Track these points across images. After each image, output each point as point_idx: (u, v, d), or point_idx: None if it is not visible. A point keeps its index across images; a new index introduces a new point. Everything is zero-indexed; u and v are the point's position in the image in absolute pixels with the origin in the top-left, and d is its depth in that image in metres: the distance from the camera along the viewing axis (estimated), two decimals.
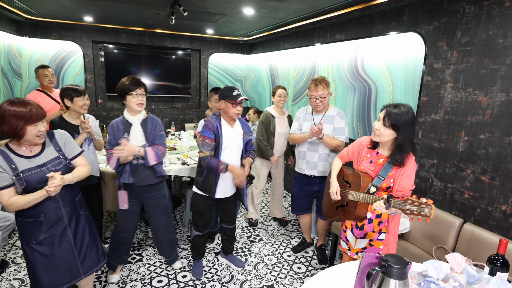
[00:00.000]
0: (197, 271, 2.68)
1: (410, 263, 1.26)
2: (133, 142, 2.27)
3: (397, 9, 2.74)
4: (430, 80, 2.49)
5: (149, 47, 5.52)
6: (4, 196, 1.59)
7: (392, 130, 1.71)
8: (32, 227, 1.71)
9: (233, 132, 2.43)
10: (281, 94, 3.34)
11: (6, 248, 2.93)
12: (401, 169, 1.77)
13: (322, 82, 2.55)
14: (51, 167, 1.71)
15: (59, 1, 3.45)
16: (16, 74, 4.58)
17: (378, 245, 1.93)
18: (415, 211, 1.52)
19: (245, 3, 3.16)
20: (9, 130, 1.57)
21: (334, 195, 1.96)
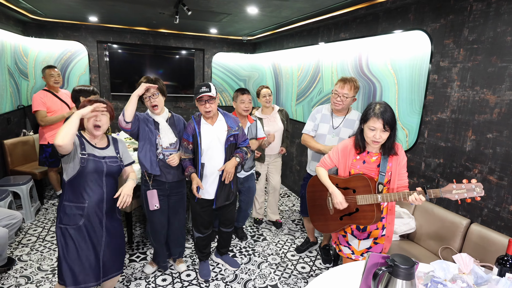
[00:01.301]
0: (204, 272, 2.65)
1: (417, 263, 1.24)
2: (165, 139, 2.31)
3: (402, 7, 2.71)
4: (437, 78, 2.46)
5: (153, 47, 5.53)
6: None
7: (389, 131, 1.78)
8: (74, 211, 1.83)
9: (214, 130, 2.34)
10: (265, 93, 3.27)
11: (12, 246, 2.95)
12: (396, 159, 1.83)
13: (352, 82, 2.41)
14: (108, 162, 1.89)
15: (64, 1, 3.47)
16: (22, 74, 4.61)
17: (383, 241, 1.92)
18: (465, 194, 1.58)
19: (249, 2, 3.15)
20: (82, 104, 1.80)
21: (342, 204, 1.88)
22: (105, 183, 1.88)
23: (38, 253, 2.86)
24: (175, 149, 2.36)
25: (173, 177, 2.41)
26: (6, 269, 2.62)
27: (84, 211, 1.83)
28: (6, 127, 3.97)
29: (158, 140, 2.30)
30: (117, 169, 1.94)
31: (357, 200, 1.85)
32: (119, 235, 2.04)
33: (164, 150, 2.32)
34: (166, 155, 2.33)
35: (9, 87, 4.11)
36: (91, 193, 1.84)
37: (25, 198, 3.34)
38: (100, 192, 1.87)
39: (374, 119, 1.74)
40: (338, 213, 1.96)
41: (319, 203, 2.10)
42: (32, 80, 4.88)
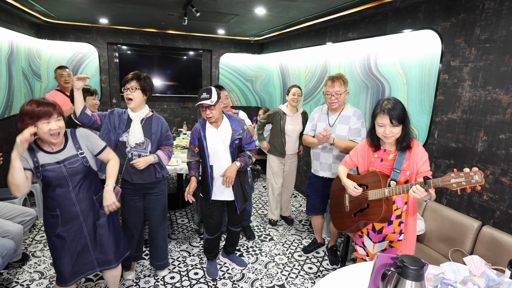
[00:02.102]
0: (212, 271, 2.67)
1: (427, 265, 1.23)
2: (131, 138, 2.22)
3: (412, 6, 2.68)
4: (447, 78, 2.43)
5: (161, 48, 5.59)
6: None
7: (400, 126, 1.75)
8: (51, 220, 1.80)
9: (219, 134, 2.34)
10: (295, 92, 3.33)
11: (26, 242, 3.02)
12: (413, 157, 1.78)
13: (340, 79, 2.50)
14: (68, 165, 1.75)
15: (76, 4, 3.53)
16: (35, 75, 4.72)
17: (399, 246, 1.89)
18: (463, 182, 1.47)
19: (257, 2, 3.16)
20: (20, 127, 1.62)
21: (354, 190, 1.89)
22: (71, 186, 1.77)
23: None
24: (144, 150, 2.26)
25: (141, 179, 2.30)
26: (21, 264, 2.69)
27: (58, 219, 1.79)
28: None
29: (127, 138, 2.23)
30: (81, 168, 1.80)
31: (368, 195, 1.87)
32: (107, 229, 1.95)
33: (132, 149, 2.25)
34: (134, 155, 2.25)
35: (23, 88, 4.21)
36: (59, 200, 1.77)
37: (38, 196, 3.41)
38: (69, 197, 1.78)
39: (381, 115, 1.75)
40: (352, 210, 1.99)
41: (338, 202, 2.16)
42: (45, 81, 4.98)
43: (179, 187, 3.91)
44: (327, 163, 2.71)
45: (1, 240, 2.21)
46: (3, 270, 2.58)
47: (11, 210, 2.61)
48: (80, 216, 1.83)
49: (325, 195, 2.85)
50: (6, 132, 3.66)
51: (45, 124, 1.63)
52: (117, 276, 2.16)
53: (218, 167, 2.37)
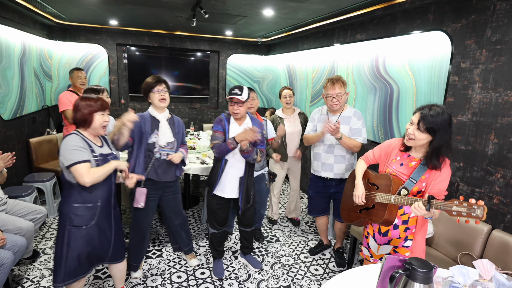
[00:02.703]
0: (218, 271, 2.68)
1: (436, 267, 1.22)
2: (163, 138, 2.35)
3: (421, 7, 2.66)
4: (457, 80, 2.41)
5: (169, 49, 5.64)
6: (84, 168, 1.74)
7: (427, 134, 1.62)
8: (87, 212, 1.84)
9: (240, 130, 2.39)
10: (286, 94, 3.33)
11: (37, 240, 3.07)
12: (435, 173, 1.69)
13: (339, 81, 2.51)
14: (111, 159, 1.93)
15: (87, 6, 3.59)
16: (46, 75, 4.81)
17: (403, 252, 1.85)
18: (463, 213, 1.42)
19: (265, 4, 3.17)
20: (81, 117, 1.81)
21: (358, 198, 1.90)
22: (113, 179, 1.96)
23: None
24: (172, 149, 2.40)
25: (167, 177, 2.44)
26: (31, 261, 2.73)
27: (97, 210, 1.87)
28: (32, 126, 4.14)
29: (156, 139, 2.33)
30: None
31: (376, 197, 1.85)
32: (120, 222, 2.11)
33: (161, 149, 2.35)
34: (162, 154, 2.36)
35: (34, 88, 4.29)
36: (104, 192, 1.89)
37: (48, 194, 3.47)
38: (110, 189, 1.93)
39: (416, 113, 1.67)
40: (359, 206, 1.98)
41: (349, 194, 2.12)
42: (56, 82, 5.06)
43: (186, 187, 3.93)
44: (328, 163, 2.70)
45: (13, 237, 2.25)
46: (15, 267, 2.62)
47: (22, 207, 2.66)
48: (111, 209, 1.98)
49: (327, 195, 2.83)
50: (18, 131, 3.73)
51: (100, 116, 1.84)
52: (124, 270, 2.24)
53: (232, 162, 2.42)
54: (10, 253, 2.10)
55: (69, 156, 1.73)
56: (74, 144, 1.76)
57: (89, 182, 1.74)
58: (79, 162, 1.73)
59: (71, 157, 1.73)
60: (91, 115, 1.82)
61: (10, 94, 3.55)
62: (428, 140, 1.65)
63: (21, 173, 3.70)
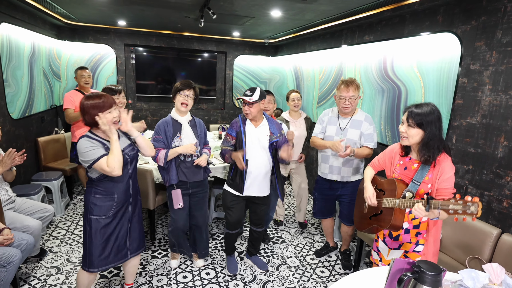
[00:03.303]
0: (232, 267, 2.73)
1: (445, 271, 1.21)
2: (186, 140, 2.42)
3: (430, 9, 2.64)
4: (466, 82, 2.38)
5: (177, 50, 5.67)
6: (103, 163, 1.81)
7: (418, 129, 1.67)
8: (105, 203, 1.95)
9: (256, 132, 2.46)
10: (294, 98, 3.32)
11: (44, 238, 3.10)
12: (437, 171, 1.70)
13: (353, 83, 2.49)
14: (128, 152, 1.97)
15: (96, 6, 3.63)
16: (55, 75, 4.87)
17: (414, 257, 1.83)
18: (459, 210, 1.45)
19: (272, 5, 3.17)
20: (90, 119, 1.84)
21: (369, 199, 1.89)
22: (130, 171, 2.01)
23: (67, 246, 3.00)
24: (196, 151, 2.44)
25: (195, 177, 2.50)
26: (38, 259, 2.76)
27: (114, 201, 1.96)
28: (40, 125, 4.19)
29: (179, 142, 2.40)
30: (136, 155, 2.06)
31: (383, 202, 1.84)
32: (140, 216, 2.18)
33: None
34: (187, 157, 2.44)
35: (43, 87, 4.34)
36: (120, 185, 1.97)
37: (56, 193, 3.51)
38: (127, 181, 2.00)
39: (405, 113, 1.72)
40: (369, 213, 1.98)
41: (360, 201, 2.14)
42: (64, 81, 5.12)
43: None
44: (336, 166, 2.68)
45: (21, 235, 2.28)
46: (22, 264, 2.65)
47: (30, 206, 2.69)
48: (130, 200, 2.05)
49: (333, 198, 2.82)
50: (27, 130, 3.78)
51: (109, 114, 1.85)
52: (136, 265, 2.31)
53: (253, 162, 2.45)
54: (18, 251, 2.12)
55: (86, 158, 1.83)
56: (86, 147, 1.83)
57: (117, 169, 1.81)
58: (96, 159, 1.81)
59: (88, 158, 1.82)
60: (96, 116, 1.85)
61: (19, 93, 3.60)
62: (420, 136, 1.68)
63: (29, 172, 3.74)
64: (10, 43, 3.40)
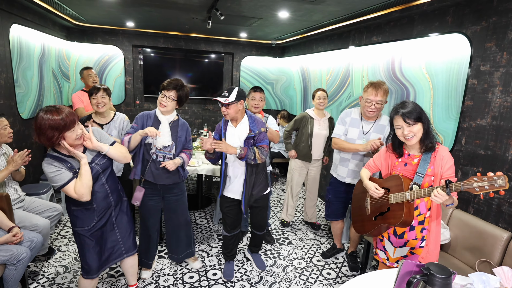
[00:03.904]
0: (228, 273, 2.69)
1: (455, 273, 1.19)
2: (160, 140, 2.29)
3: (440, 10, 2.62)
4: (476, 83, 2.35)
5: (184, 51, 5.70)
6: (71, 188, 1.72)
7: (418, 123, 1.72)
8: (85, 215, 1.88)
9: (236, 132, 2.36)
10: (320, 96, 3.31)
11: (52, 237, 3.14)
12: (438, 162, 1.73)
13: (382, 87, 2.35)
14: (98, 162, 1.87)
15: (106, 8, 3.67)
16: (64, 76, 4.93)
17: (420, 252, 1.85)
18: (486, 186, 1.42)
19: (280, 6, 3.18)
20: (45, 141, 1.65)
21: (375, 192, 1.87)
22: (104, 180, 1.91)
23: (75, 245, 3.03)
24: (169, 152, 2.32)
25: (165, 180, 2.36)
26: (47, 258, 2.80)
27: (95, 211, 1.90)
28: None
29: (153, 141, 2.29)
30: (109, 163, 1.93)
31: (389, 198, 1.84)
32: (128, 215, 2.12)
33: (157, 151, 2.31)
34: (159, 156, 2.31)
35: (52, 88, 4.40)
36: (97, 195, 1.88)
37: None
38: (103, 190, 1.91)
39: (395, 118, 1.77)
40: (373, 213, 1.97)
41: (359, 205, 2.15)
42: (73, 82, 5.19)
43: (199, 188, 3.96)
44: (356, 170, 2.64)
45: (29, 234, 2.30)
46: (31, 263, 2.69)
47: (39, 205, 2.72)
48: (112, 205, 1.97)
49: (347, 200, 2.81)
50: None
51: (71, 133, 1.68)
52: (135, 265, 2.27)
53: (232, 166, 2.42)
54: (27, 249, 2.15)
55: (53, 183, 1.73)
56: (50, 172, 1.70)
57: (85, 196, 1.73)
58: (63, 185, 1.71)
59: (55, 184, 1.72)
60: (59, 138, 1.66)
61: (29, 93, 3.65)
62: (421, 128, 1.73)
63: (38, 172, 3.79)
64: (20, 44, 3.45)
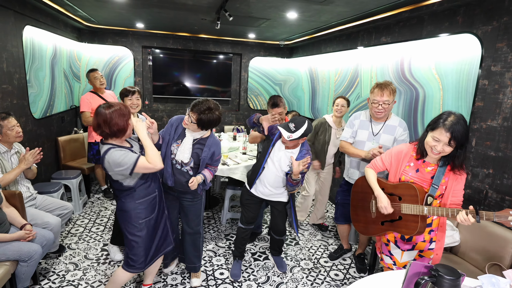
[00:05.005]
0: (235, 272, 2.71)
1: (464, 275, 1.18)
2: (179, 154, 2.21)
3: (450, 10, 2.59)
4: (487, 84, 2.32)
5: (193, 52, 5.75)
6: (144, 162, 1.79)
7: (454, 147, 1.63)
8: (150, 204, 2.00)
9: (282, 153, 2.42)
10: (339, 103, 3.22)
11: (63, 235, 3.20)
12: (454, 176, 1.68)
13: (388, 87, 2.32)
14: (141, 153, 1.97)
15: (116, 9, 3.73)
16: (75, 76, 5.02)
17: (429, 255, 1.83)
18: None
19: (289, 7, 3.18)
20: (119, 128, 1.79)
21: (386, 209, 1.83)
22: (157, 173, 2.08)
23: (85, 243, 3.08)
24: (186, 165, 2.24)
25: (182, 187, 2.29)
26: (57, 255, 2.85)
27: (156, 198, 2.05)
28: (60, 125, 4.33)
29: (175, 149, 2.23)
30: None
31: (402, 208, 1.79)
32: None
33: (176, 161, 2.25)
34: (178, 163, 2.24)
35: (63, 88, 4.48)
36: (157, 183, 2.07)
37: (74, 191, 3.61)
38: (159, 180, 2.13)
39: (441, 130, 1.60)
40: (380, 218, 1.93)
41: (362, 204, 2.09)
42: (83, 82, 5.28)
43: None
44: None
45: (41, 231, 2.36)
46: (42, 260, 2.74)
47: (50, 203, 2.78)
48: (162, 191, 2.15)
49: None
50: (48, 130, 3.91)
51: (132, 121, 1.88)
52: (159, 264, 2.33)
53: (267, 174, 2.46)
54: (38, 246, 2.20)
55: (125, 166, 1.75)
56: (119, 156, 1.75)
57: (159, 163, 1.81)
58: (136, 162, 1.76)
59: (127, 165, 1.75)
60: (128, 124, 1.84)
61: (41, 94, 3.73)
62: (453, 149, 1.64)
63: (50, 170, 3.87)
64: (33, 45, 3.53)
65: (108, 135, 1.80)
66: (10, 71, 3.04)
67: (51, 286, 2.47)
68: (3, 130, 2.40)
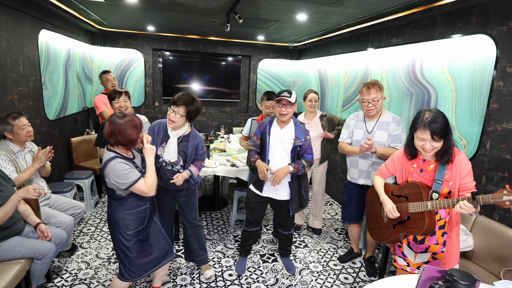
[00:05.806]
0: (240, 268, 2.76)
1: (479, 281, 1.16)
2: (166, 155, 2.28)
3: (463, 10, 2.55)
4: (502, 85, 2.28)
5: (202, 54, 5.79)
6: (141, 184, 1.84)
7: (442, 141, 1.67)
8: (140, 215, 1.97)
9: (281, 134, 2.48)
10: (312, 98, 3.28)
11: (75, 234, 3.25)
12: (456, 167, 1.70)
13: (375, 85, 2.45)
14: (142, 169, 1.99)
15: (127, 13, 3.78)
16: (88, 79, 5.11)
17: (442, 257, 1.80)
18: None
19: (298, 9, 3.18)
20: (129, 139, 1.82)
21: (391, 213, 1.87)
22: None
23: (96, 242, 3.13)
24: (176, 165, 2.31)
25: (173, 185, 2.32)
26: (70, 254, 2.89)
27: (147, 210, 2.02)
28: (73, 126, 4.41)
29: (161, 152, 2.29)
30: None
31: (409, 207, 1.81)
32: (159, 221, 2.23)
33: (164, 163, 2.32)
34: (168, 164, 2.31)
35: (76, 90, 4.57)
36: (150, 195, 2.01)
37: (86, 191, 3.67)
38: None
39: (421, 130, 1.67)
40: (391, 222, 1.94)
41: (375, 211, 2.12)
42: (96, 85, 5.37)
43: (215, 189, 4.00)
44: (365, 170, 2.65)
45: (55, 230, 2.40)
46: (55, 258, 2.79)
47: (64, 202, 2.83)
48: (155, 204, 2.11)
49: (362, 202, 2.77)
50: (62, 130, 3.99)
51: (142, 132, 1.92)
52: (167, 268, 2.32)
53: (274, 163, 2.49)
54: (52, 245, 2.24)
55: (123, 181, 1.79)
56: (123, 169, 1.79)
57: (153, 190, 1.88)
58: (134, 182, 1.81)
59: (126, 181, 1.80)
60: (139, 137, 1.87)
61: (55, 96, 3.81)
62: (442, 144, 1.68)
63: (63, 170, 3.94)
64: (48, 48, 3.61)
65: (120, 144, 1.83)
66: (26, 73, 3.11)
67: (64, 284, 2.51)
68: (15, 130, 2.45)
